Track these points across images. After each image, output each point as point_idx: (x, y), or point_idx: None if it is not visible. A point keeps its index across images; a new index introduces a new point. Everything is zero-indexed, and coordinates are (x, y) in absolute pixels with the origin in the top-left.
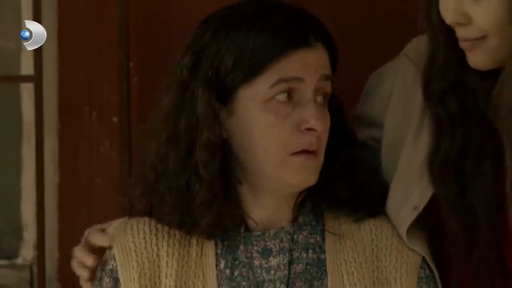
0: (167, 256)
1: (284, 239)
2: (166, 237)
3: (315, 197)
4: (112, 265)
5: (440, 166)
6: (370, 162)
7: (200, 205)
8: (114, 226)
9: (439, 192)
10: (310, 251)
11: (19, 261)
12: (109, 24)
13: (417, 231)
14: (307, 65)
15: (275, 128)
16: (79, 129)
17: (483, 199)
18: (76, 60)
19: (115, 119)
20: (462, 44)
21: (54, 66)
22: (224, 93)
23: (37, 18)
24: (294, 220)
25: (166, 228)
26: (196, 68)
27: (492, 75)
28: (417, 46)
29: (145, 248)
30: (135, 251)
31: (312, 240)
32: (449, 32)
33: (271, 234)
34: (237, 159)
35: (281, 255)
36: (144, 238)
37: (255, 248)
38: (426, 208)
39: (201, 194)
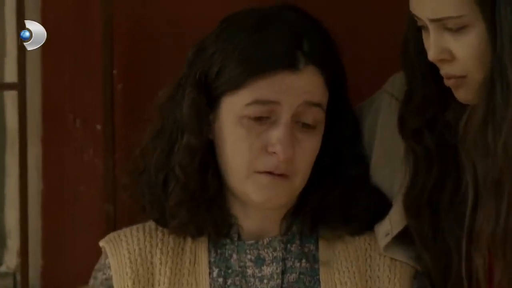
0: (160, 263)
1: (278, 248)
2: (159, 245)
3: (310, 208)
4: (108, 274)
5: (415, 200)
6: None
7: (173, 205)
8: (107, 236)
9: (412, 226)
10: (304, 260)
11: (3, 268)
12: (93, 31)
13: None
14: (287, 89)
15: (244, 144)
16: (63, 136)
17: (456, 236)
18: (60, 68)
19: (99, 127)
20: (447, 82)
21: (38, 74)
22: (211, 97)
23: (20, 26)
24: (287, 229)
25: (160, 235)
26: (193, 66)
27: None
28: (398, 82)
29: (139, 254)
30: (129, 258)
31: (305, 250)
32: (426, 69)
33: (265, 243)
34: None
35: (274, 264)
36: (138, 244)
37: (248, 257)
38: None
39: (174, 194)
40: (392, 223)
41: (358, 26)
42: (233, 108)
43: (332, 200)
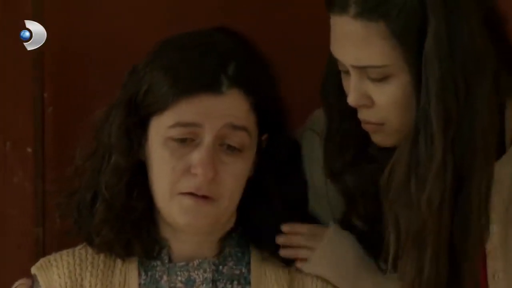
0: (90, 286)
1: (208, 270)
2: (89, 267)
3: (242, 230)
4: None
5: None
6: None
7: (97, 223)
8: (38, 262)
9: None
10: (235, 282)
11: None
12: (24, 55)
13: None
14: (209, 112)
15: (168, 166)
16: None
17: None
18: None
19: (29, 149)
20: (365, 126)
21: None
22: (141, 118)
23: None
24: (220, 251)
25: (90, 258)
26: (125, 87)
27: (388, 150)
28: (320, 118)
29: (69, 277)
30: (60, 283)
31: (237, 272)
32: (345, 110)
33: (195, 264)
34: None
35: (204, 285)
36: (68, 268)
37: (179, 278)
38: None
39: (99, 212)
40: None
41: (299, 51)
42: (159, 130)
43: (264, 223)
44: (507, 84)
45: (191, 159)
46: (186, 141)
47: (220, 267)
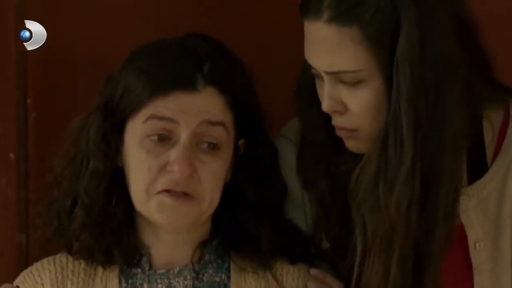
0: None
1: (188, 277)
2: (70, 276)
3: (221, 236)
4: None
5: (318, 242)
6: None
7: (76, 228)
8: (20, 275)
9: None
10: None
11: None
12: (7, 61)
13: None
14: (185, 108)
15: (144, 166)
16: None
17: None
18: None
19: (12, 155)
20: (338, 132)
21: None
22: (118, 123)
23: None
24: (199, 258)
25: (71, 266)
26: (102, 93)
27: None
28: (295, 126)
29: (51, 285)
30: None
31: (217, 279)
32: (318, 117)
33: (175, 272)
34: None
35: None
36: (50, 276)
37: (159, 286)
38: None
39: (78, 217)
40: None
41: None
42: (135, 130)
43: (242, 228)
44: (480, 92)
45: (167, 157)
46: (163, 139)
47: (200, 274)
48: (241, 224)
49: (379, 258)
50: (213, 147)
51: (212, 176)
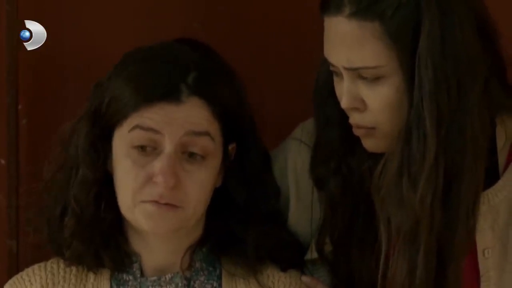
0: None
1: (180, 284)
2: (61, 282)
3: (212, 242)
4: None
5: (322, 243)
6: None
7: (68, 236)
8: (11, 279)
9: (328, 269)
10: None
11: None
12: None
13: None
14: (169, 119)
15: (130, 175)
16: None
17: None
18: None
19: (3, 161)
20: (356, 131)
21: None
22: (105, 130)
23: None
24: (190, 264)
25: (62, 273)
26: (91, 100)
27: (376, 155)
28: (306, 128)
29: None
30: None
31: (208, 286)
32: (334, 115)
33: (167, 279)
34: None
35: None
36: (41, 282)
37: None
38: None
39: (69, 226)
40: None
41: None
42: (122, 139)
43: (233, 233)
44: (497, 96)
45: (153, 168)
46: (147, 149)
47: (192, 281)
48: (232, 228)
49: (404, 254)
50: (199, 157)
51: (197, 186)
